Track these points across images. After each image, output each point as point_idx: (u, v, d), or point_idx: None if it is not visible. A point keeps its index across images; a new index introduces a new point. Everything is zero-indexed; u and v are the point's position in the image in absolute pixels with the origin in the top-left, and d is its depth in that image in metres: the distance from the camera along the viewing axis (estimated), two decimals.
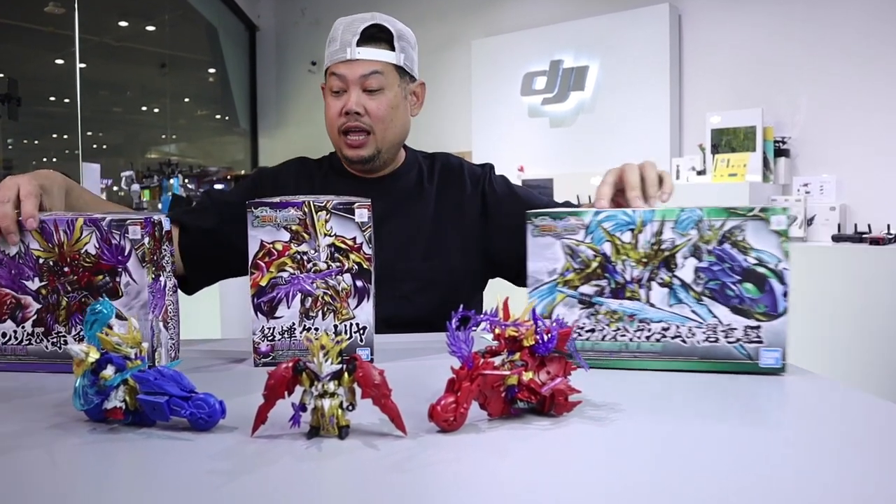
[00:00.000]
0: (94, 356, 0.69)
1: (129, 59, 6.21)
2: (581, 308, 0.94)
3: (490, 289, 1.47)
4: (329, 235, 0.96)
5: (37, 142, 5.16)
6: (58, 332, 0.95)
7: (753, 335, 0.90)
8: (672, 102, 4.42)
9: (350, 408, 0.66)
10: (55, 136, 5.26)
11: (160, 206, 4.54)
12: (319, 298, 0.96)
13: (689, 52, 4.45)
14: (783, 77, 4.01)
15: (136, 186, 4.51)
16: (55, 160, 5.20)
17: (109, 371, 0.69)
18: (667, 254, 0.91)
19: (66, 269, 0.94)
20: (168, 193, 4.58)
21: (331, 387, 0.65)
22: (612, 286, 0.93)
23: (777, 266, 0.89)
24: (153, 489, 0.55)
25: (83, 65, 4.59)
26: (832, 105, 3.85)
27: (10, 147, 4.53)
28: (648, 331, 0.91)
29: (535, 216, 0.94)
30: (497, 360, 0.72)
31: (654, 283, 0.91)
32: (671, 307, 0.91)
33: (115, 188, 4.94)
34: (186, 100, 7.35)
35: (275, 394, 0.66)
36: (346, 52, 1.31)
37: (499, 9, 5.42)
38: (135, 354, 0.71)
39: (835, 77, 3.83)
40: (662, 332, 0.91)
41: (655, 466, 0.60)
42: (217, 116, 7.64)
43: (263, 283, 0.96)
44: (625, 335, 0.92)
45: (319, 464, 0.60)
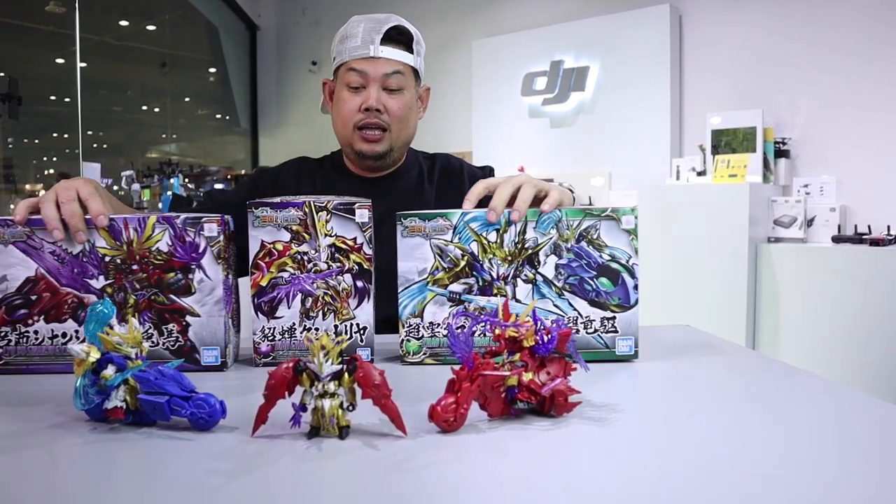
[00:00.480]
0: (95, 356, 0.69)
1: (130, 59, 6.20)
2: (451, 306, 0.98)
3: None
4: (329, 236, 0.96)
5: (37, 141, 5.16)
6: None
7: (609, 325, 0.98)
8: (672, 103, 4.42)
9: (350, 408, 0.66)
10: (56, 136, 5.25)
11: (160, 206, 4.54)
12: (320, 299, 0.97)
13: (690, 53, 4.44)
14: (783, 78, 4.01)
15: (137, 186, 4.51)
16: (55, 159, 5.20)
17: (110, 371, 0.69)
18: (530, 252, 0.98)
19: (135, 268, 0.95)
20: (168, 193, 4.58)
21: (331, 387, 0.65)
22: (480, 284, 0.98)
23: (628, 262, 0.98)
24: (154, 489, 0.56)
25: (84, 64, 4.59)
26: (832, 106, 3.85)
27: (11, 146, 4.53)
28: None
29: (405, 217, 0.97)
30: (496, 361, 0.72)
31: (519, 280, 0.98)
32: (535, 302, 0.98)
33: (116, 187, 4.93)
34: (187, 99, 7.34)
35: (275, 394, 0.66)
36: (370, 49, 1.31)
37: (499, 9, 5.42)
38: (135, 354, 0.71)
39: (835, 78, 3.83)
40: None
41: (655, 467, 0.60)
42: (217, 116, 7.63)
43: (264, 284, 0.96)
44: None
45: (320, 464, 0.60)
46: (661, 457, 0.62)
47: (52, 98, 5.09)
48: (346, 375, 0.65)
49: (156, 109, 6.76)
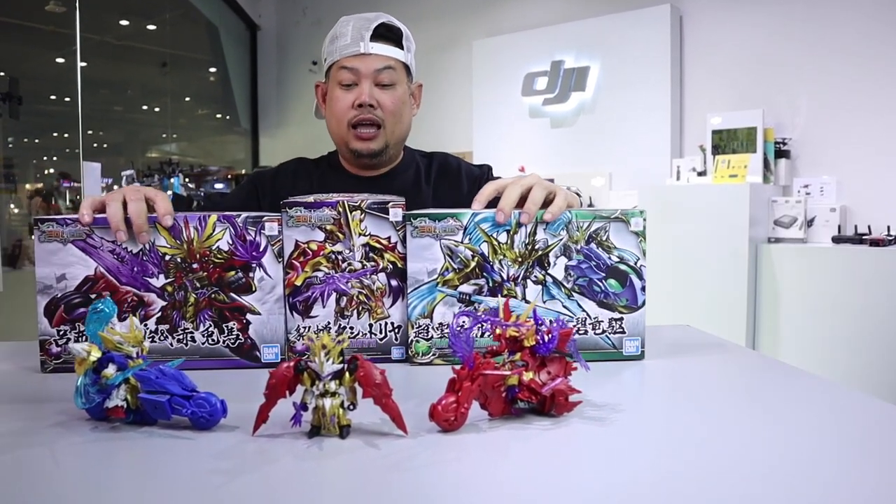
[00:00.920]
0: (96, 355, 0.69)
1: (130, 58, 6.20)
2: (461, 307, 0.98)
3: None
4: (364, 235, 0.96)
5: (38, 140, 5.16)
6: (184, 329, 0.95)
7: (617, 326, 0.99)
8: (673, 103, 4.42)
9: (351, 407, 0.66)
10: (56, 135, 5.25)
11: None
12: (354, 298, 0.97)
13: (690, 53, 4.44)
14: (784, 78, 4.01)
15: (137, 186, 4.51)
16: (56, 159, 5.20)
17: (111, 370, 0.69)
18: (540, 253, 0.98)
19: (195, 266, 0.95)
20: (169, 193, 4.58)
21: (332, 386, 0.65)
22: (490, 284, 0.98)
23: (636, 263, 0.99)
24: (154, 488, 0.56)
25: (84, 63, 4.58)
26: (833, 106, 3.85)
27: (11, 146, 4.53)
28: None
29: (414, 217, 0.97)
30: (497, 360, 0.72)
31: (529, 281, 0.98)
32: (545, 303, 0.98)
33: (116, 187, 4.93)
34: (187, 99, 7.35)
35: (276, 393, 0.66)
36: (360, 46, 1.31)
37: (500, 9, 5.42)
38: (136, 353, 0.71)
39: (835, 78, 3.83)
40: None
41: (656, 466, 0.60)
42: (218, 116, 7.64)
43: (298, 283, 0.96)
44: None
45: (320, 463, 0.60)
46: (662, 456, 0.62)
47: (53, 97, 5.10)
48: (347, 374, 0.65)
49: (156, 109, 6.77)
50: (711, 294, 3.60)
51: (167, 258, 0.95)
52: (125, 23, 6.06)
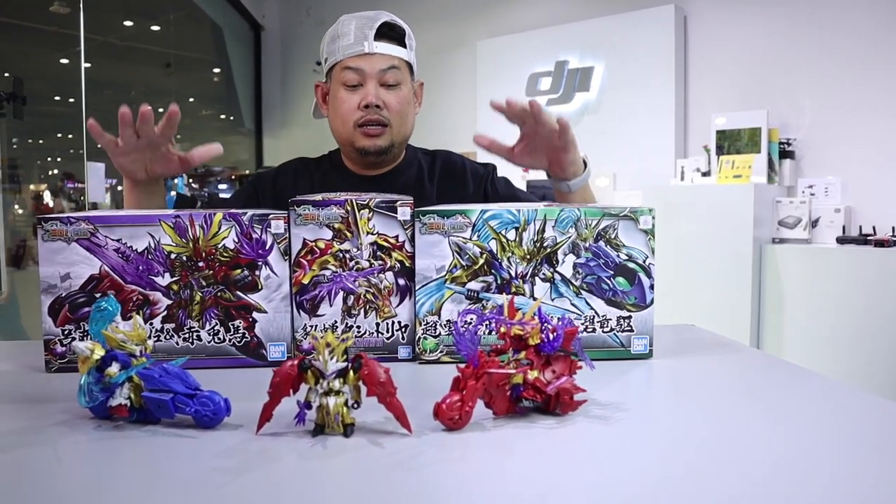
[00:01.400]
0: (100, 353, 0.69)
1: (134, 59, 6.21)
2: (469, 304, 0.98)
3: None
4: (371, 233, 0.96)
5: (41, 141, 5.17)
6: (190, 328, 0.95)
7: (625, 324, 0.99)
8: (677, 103, 4.41)
9: (355, 406, 0.66)
10: (60, 136, 5.26)
11: (164, 206, 4.54)
12: (362, 296, 0.97)
13: (695, 54, 4.44)
14: (788, 79, 4.00)
15: None
16: (59, 159, 5.21)
17: (114, 368, 0.69)
18: (549, 251, 0.98)
19: (201, 265, 0.95)
20: (172, 193, 4.59)
21: (336, 385, 0.65)
22: (498, 282, 0.98)
23: (645, 262, 0.99)
24: (158, 487, 0.55)
25: (88, 64, 4.59)
26: (837, 107, 3.84)
27: (15, 146, 4.54)
28: None
29: (423, 214, 0.97)
30: (502, 359, 0.71)
31: (538, 279, 0.98)
32: (553, 301, 0.98)
33: (120, 188, 4.94)
34: (191, 99, 7.35)
35: (280, 391, 0.66)
36: (364, 46, 1.30)
37: (504, 9, 5.42)
38: (140, 352, 0.71)
39: (840, 79, 3.82)
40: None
41: (660, 465, 0.60)
42: (222, 116, 7.64)
43: (306, 281, 0.96)
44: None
45: (324, 462, 0.60)
46: (667, 455, 0.62)
47: (57, 98, 5.10)
48: (351, 373, 0.65)
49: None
50: (716, 294, 3.59)
51: (172, 256, 0.94)
52: (129, 23, 6.06)
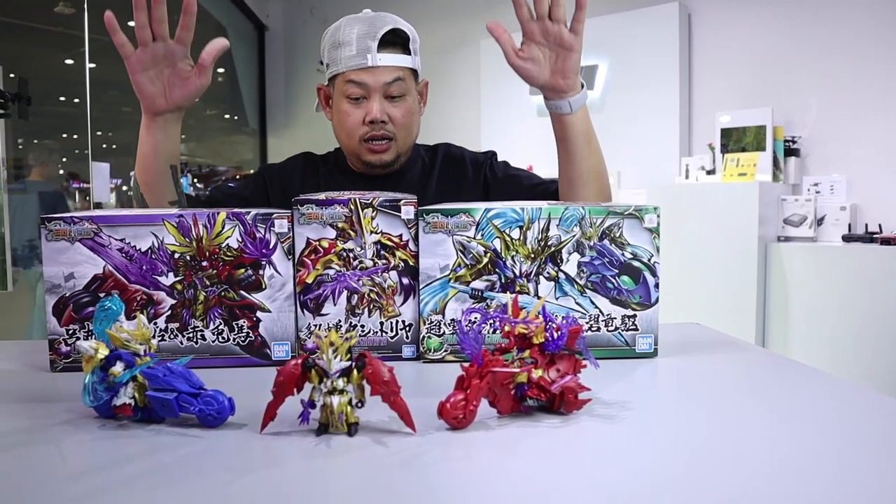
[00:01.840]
0: (104, 352, 0.69)
1: None
2: (473, 303, 0.98)
3: None
4: (375, 232, 0.96)
5: (47, 141, 5.18)
6: (194, 328, 0.95)
7: (630, 323, 0.99)
8: (682, 101, 4.40)
9: (359, 405, 0.66)
10: (65, 136, 5.28)
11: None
12: (365, 296, 0.97)
13: (699, 51, 4.43)
14: (793, 76, 3.99)
15: None
16: (65, 159, 5.22)
17: (118, 367, 0.69)
18: (553, 249, 0.98)
19: (205, 264, 0.94)
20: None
21: (340, 384, 0.65)
22: (503, 281, 0.98)
23: (650, 260, 0.99)
24: (162, 486, 0.55)
25: (93, 65, 4.60)
26: (843, 104, 3.83)
27: (21, 147, 4.55)
28: None
29: (427, 213, 0.97)
30: (506, 358, 0.71)
31: (542, 278, 0.98)
32: (557, 300, 0.98)
33: (125, 187, 4.95)
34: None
35: (284, 390, 0.66)
36: (367, 59, 1.27)
37: (508, 8, 5.36)
38: (144, 351, 0.71)
39: (845, 76, 3.81)
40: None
41: (665, 464, 0.59)
42: (226, 116, 7.65)
43: (309, 281, 0.96)
44: None
45: (328, 461, 0.60)
46: (672, 454, 0.62)
47: (62, 99, 5.12)
48: (355, 372, 0.65)
49: None
50: (721, 293, 3.58)
51: (176, 256, 0.94)
52: (134, 24, 6.08)
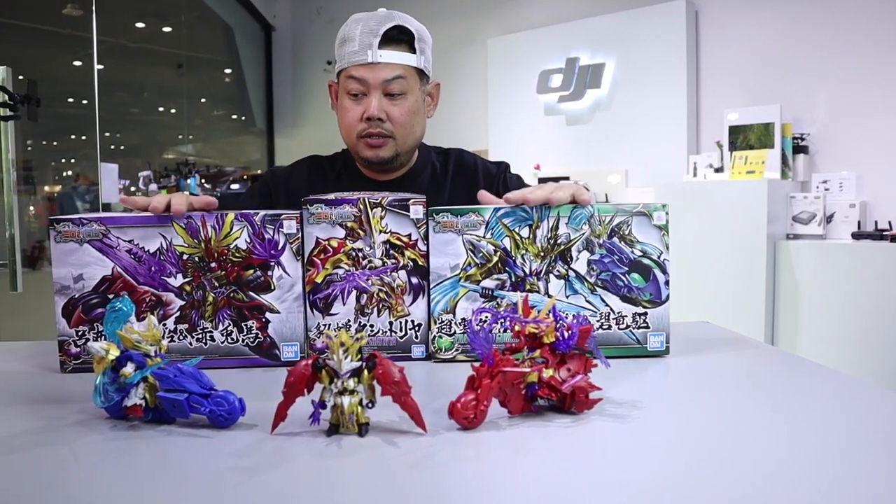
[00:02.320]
0: (115, 354, 0.69)
1: (147, 60, 6.24)
2: (483, 301, 0.98)
3: None
4: (384, 232, 0.96)
5: (56, 143, 5.20)
6: (203, 329, 0.95)
7: (641, 321, 0.99)
8: (689, 99, 4.39)
9: (370, 405, 0.66)
10: (73, 137, 5.30)
11: None
12: (375, 295, 0.97)
13: (706, 49, 4.41)
14: (802, 73, 3.97)
15: (154, 186, 4.54)
16: (73, 161, 5.24)
17: (129, 368, 0.69)
18: (563, 247, 0.98)
19: (213, 265, 0.95)
20: (185, 193, 4.61)
21: (350, 384, 0.65)
22: (513, 279, 0.98)
23: (659, 257, 0.99)
24: (173, 486, 0.55)
25: (101, 66, 4.61)
26: (852, 100, 3.81)
27: (30, 148, 4.57)
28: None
29: (437, 213, 0.98)
30: (517, 357, 0.71)
31: (552, 276, 0.98)
32: (568, 298, 0.98)
33: (133, 188, 4.97)
34: (203, 100, 7.38)
35: (294, 391, 0.66)
36: (367, 55, 1.26)
37: (515, 7, 5.41)
38: (154, 352, 0.71)
39: (854, 72, 3.79)
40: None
41: (676, 464, 0.59)
42: (233, 116, 7.67)
43: (319, 280, 0.96)
44: None
45: (339, 461, 0.60)
46: (682, 454, 0.62)
47: (70, 100, 5.14)
48: (366, 372, 0.65)
49: (172, 110, 6.81)
50: (730, 291, 3.57)
51: (185, 257, 0.94)
52: (141, 25, 6.10)
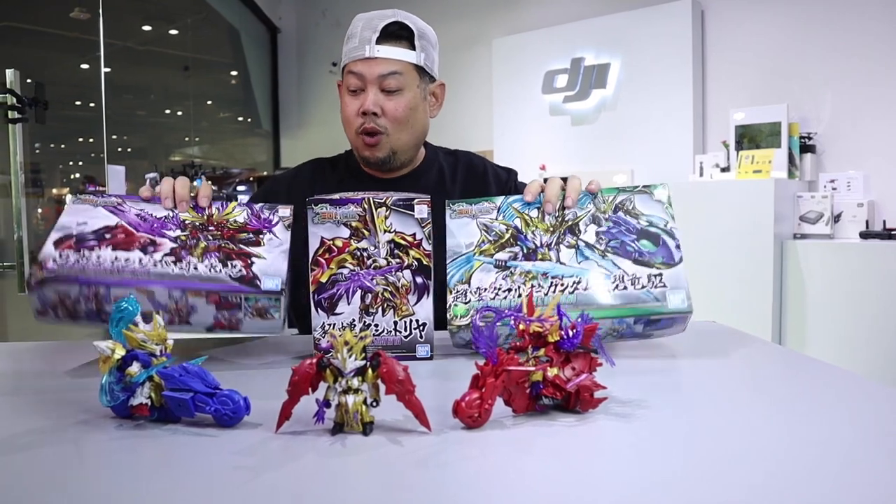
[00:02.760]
0: (120, 353, 0.69)
1: (153, 63, 6.26)
2: (497, 271, 1.01)
3: None
4: (389, 232, 0.97)
5: (63, 145, 5.23)
6: (189, 262, 0.97)
7: (657, 281, 0.98)
8: (695, 99, 4.38)
9: (374, 404, 0.66)
10: (81, 140, 5.32)
11: None
12: (379, 295, 0.97)
13: (712, 48, 4.40)
14: (808, 72, 3.95)
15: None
16: (81, 163, 5.27)
17: (135, 368, 0.69)
18: (570, 223, 1.04)
19: (211, 228, 1.02)
20: (192, 193, 4.62)
21: (354, 383, 0.65)
22: (525, 251, 1.02)
23: (666, 226, 1.03)
24: (179, 485, 0.56)
25: (108, 69, 4.63)
26: (859, 99, 3.79)
27: (38, 151, 4.60)
28: (562, 286, 0.98)
29: (453, 203, 1.08)
30: (521, 356, 0.71)
31: (562, 246, 1.02)
32: (580, 264, 1.00)
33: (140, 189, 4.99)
34: (209, 102, 7.40)
35: (299, 390, 0.66)
36: (365, 50, 1.27)
37: (520, 7, 5.40)
38: (160, 351, 0.71)
39: (861, 70, 3.77)
40: (575, 286, 0.98)
41: (682, 463, 0.59)
42: (239, 118, 7.69)
43: (324, 280, 0.97)
44: (539, 291, 0.98)
45: (343, 460, 0.60)
46: (688, 453, 0.61)
47: (78, 103, 5.16)
48: (370, 371, 0.65)
49: (178, 112, 6.83)
50: (737, 291, 3.56)
51: (186, 222, 1.02)
52: (147, 28, 6.12)
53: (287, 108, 7.32)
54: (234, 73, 7.28)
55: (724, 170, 3.97)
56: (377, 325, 0.97)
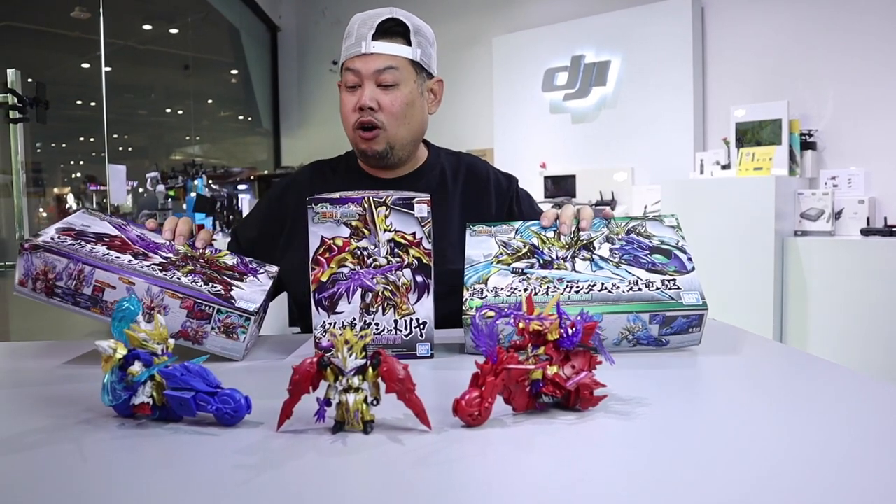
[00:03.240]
0: (122, 352, 0.70)
1: (154, 62, 6.26)
2: (514, 276, 1.04)
3: None
4: (389, 231, 0.97)
5: (64, 145, 5.23)
6: (174, 273, 1.00)
7: (671, 285, 1.00)
8: (696, 96, 4.38)
9: (374, 403, 0.66)
10: (82, 139, 5.32)
11: (185, 207, 4.58)
12: (380, 294, 0.97)
13: (713, 45, 4.40)
14: (809, 69, 3.95)
15: (162, 187, 4.55)
16: (82, 163, 5.27)
17: (137, 367, 0.69)
18: (585, 242, 1.09)
19: (202, 261, 1.08)
20: (192, 194, 4.62)
21: (355, 382, 0.65)
22: (541, 263, 1.06)
23: (678, 244, 1.07)
24: (180, 483, 0.56)
25: (108, 68, 4.63)
26: (860, 96, 3.79)
27: (39, 150, 4.60)
28: (577, 287, 1.00)
29: (473, 225, 1.15)
30: (521, 354, 0.71)
31: (578, 259, 1.06)
32: (594, 272, 1.04)
33: (141, 189, 4.99)
34: (210, 101, 7.41)
35: (299, 389, 0.66)
36: (361, 46, 1.29)
37: (520, 5, 5.40)
38: (161, 350, 0.71)
39: (862, 67, 3.77)
40: (589, 287, 1.00)
41: (681, 461, 0.59)
42: (240, 117, 7.69)
43: (324, 279, 0.97)
44: (555, 293, 1.00)
45: (344, 458, 0.60)
46: (687, 451, 0.62)
47: (79, 102, 5.16)
48: (371, 370, 0.65)
49: (179, 112, 6.83)
50: (738, 288, 3.56)
51: (180, 251, 1.08)
52: (148, 27, 6.12)
53: (287, 107, 7.33)
54: (235, 72, 7.28)
55: (725, 167, 3.97)
56: (377, 324, 0.97)
